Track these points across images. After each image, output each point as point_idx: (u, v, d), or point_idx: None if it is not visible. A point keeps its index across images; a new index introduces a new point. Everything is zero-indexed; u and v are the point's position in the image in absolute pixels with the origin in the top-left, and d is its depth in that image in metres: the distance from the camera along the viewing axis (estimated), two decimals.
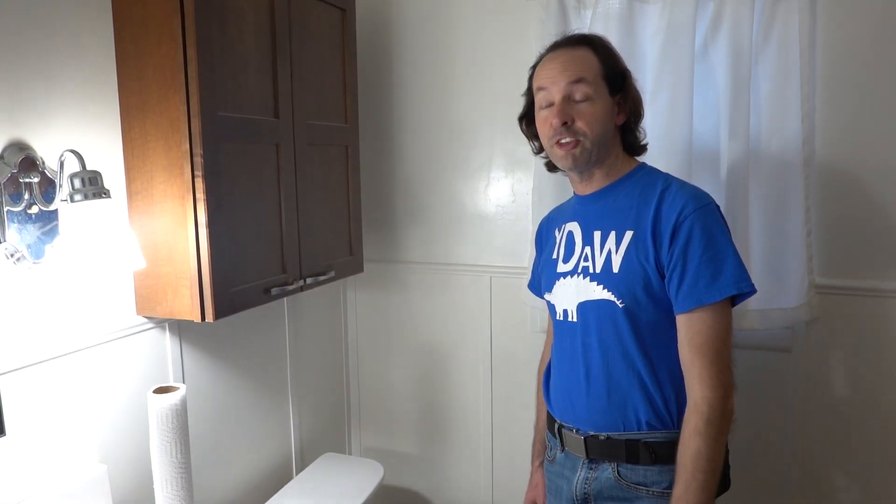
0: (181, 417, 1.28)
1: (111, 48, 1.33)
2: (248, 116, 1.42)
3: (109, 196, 1.16)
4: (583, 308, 1.26)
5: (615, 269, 1.21)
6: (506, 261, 2.05)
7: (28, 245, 1.17)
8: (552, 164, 1.35)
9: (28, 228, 1.17)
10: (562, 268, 1.31)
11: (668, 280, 1.17)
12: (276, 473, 1.95)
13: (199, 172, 1.29)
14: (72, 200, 1.13)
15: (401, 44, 2.11)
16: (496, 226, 2.07)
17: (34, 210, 1.18)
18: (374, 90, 2.14)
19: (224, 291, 1.35)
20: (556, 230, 1.38)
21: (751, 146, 1.67)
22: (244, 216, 1.41)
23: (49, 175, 1.20)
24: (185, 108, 1.28)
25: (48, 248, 1.21)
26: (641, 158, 1.33)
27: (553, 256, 1.35)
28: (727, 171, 1.68)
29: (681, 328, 1.18)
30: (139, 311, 1.40)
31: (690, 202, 1.17)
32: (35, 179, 1.17)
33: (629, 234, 1.21)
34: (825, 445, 1.75)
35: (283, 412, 1.98)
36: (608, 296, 1.22)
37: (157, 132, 1.31)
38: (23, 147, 1.16)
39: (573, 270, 1.29)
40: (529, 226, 1.95)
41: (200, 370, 1.63)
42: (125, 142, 1.35)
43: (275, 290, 1.50)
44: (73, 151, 1.15)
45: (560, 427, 1.33)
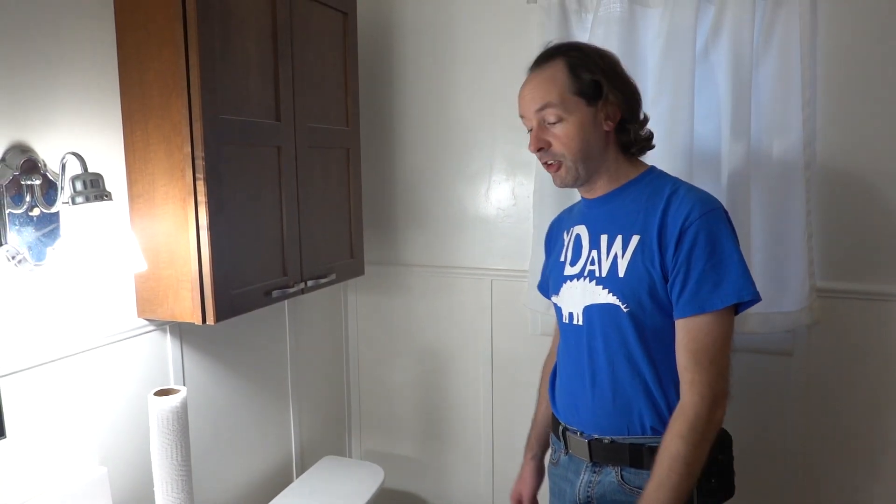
0: (182, 420, 1.28)
1: (113, 52, 1.33)
2: (250, 119, 1.42)
3: (111, 199, 1.17)
4: (588, 311, 1.26)
5: (621, 274, 1.21)
6: (507, 264, 2.05)
7: (29, 247, 1.17)
8: None
9: (29, 231, 1.17)
10: (569, 271, 1.31)
11: (671, 285, 1.17)
12: (277, 476, 1.95)
13: (201, 175, 1.29)
14: (73, 203, 1.13)
15: (402, 47, 2.11)
16: (497, 229, 2.07)
17: (36, 212, 1.18)
18: (376, 93, 2.14)
19: (225, 294, 1.35)
20: (565, 232, 1.37)
21: (752, 149, 1.67)
22: (245, 219, 1.42)
23: (51, 177, 1.20)
24: (187, 112, 1.28)
25: (49, 251, 1.21)
26: (649, 161, 1.32)
27: (561, 259, 1.35)
28: (728, 175, 1.68)
29: (679, 332, 1.18)
30: (140, 314, 1.41)
31: (697, 207, 1.16)
32: (37, 182, 1.17)
33: (635, 239, 1.20)
34: (826, 449, 1.75)
35: (284, 415, 1.98)
36: (613, 300, 1.22)
37: (159, 135, 1.31)
38: (25, 149, 1.17)
39: (580, 274, 1.28)
40: (531, 229, 1.95)
41: (201, 373, 1.63)
42: (127, 145, 1.35)
43: (276, 293, 1.50)
44: (75, 154, 1.15)
45: (564, 429, 1.32)
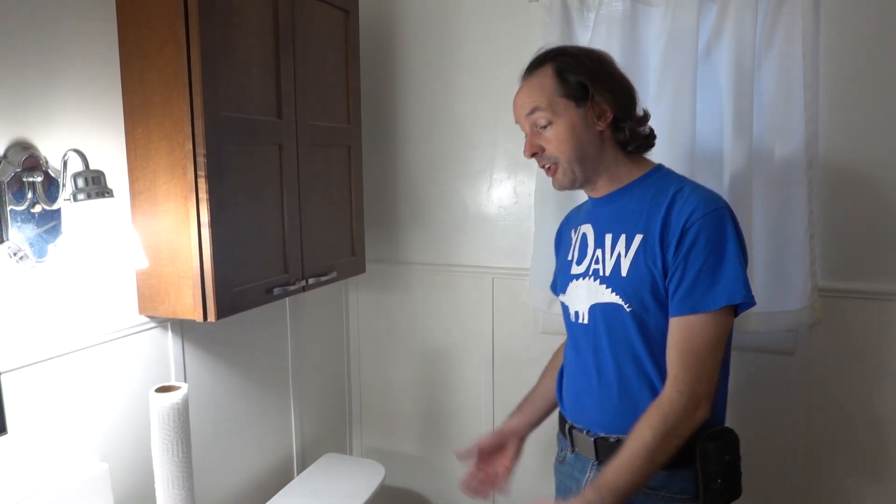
0: (183, 417, 1.28)
1: (115, 49, 1.33)
2: (251, 117, 1.43)
3: (112, 195, 1.17)
4: (593, 311, 1.26)
5: (623, 273, 1.21)
6: (508, 262, 2.05)
7: (31, 244, 1.18)
8: None
9: (31, 227, 1.17)
10: (575, 269, 1.32)
11: (668, 282, 1.17)
12: (278, 473, 1.95)
13: (202, 173, 1.29)
14: (75, 200, 1.14)
15: (404, 45, 2.11)
16: (498, 227, 2.07)
17: (37, 209, 1.18)
18: (377, 91, 2.15)
19: (226, 291, 1.35)
20: (573, 231, 1.38)
21: (754, 149, 1.66)
22: (247, 216, 1.42)
23: (52, 174, 1.20)
24: (189, 109, 1.28)
25: (51, 248, 1.21)
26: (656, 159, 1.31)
27: (568, 258, 1.35)
28: (730, 175, 1.67)
29: (671, 330, 1.18)
30: (141, 311, 1.41)
31: (701, 206, 1.16)
32: (38, 179, 1.17)
33: (639, 238, 1.20)
34: (828, 449, 1.74)
35: (285, 412, 1.98)
36: (616, 299, 1.22)
37: (161, 132, 1.32)
38: (26, 146, 1.17)
39: (585, 272, 1.29)
40: (532, 227, 1.95)
41: (202, 370, 1.63)
42: (128, 142, 1.35)
43: (277, 291, 1.50)
44: (77, 151, 1.16)
45: (571, 428, 1.33)
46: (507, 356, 2.09)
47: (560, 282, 1.39)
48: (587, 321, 1.28)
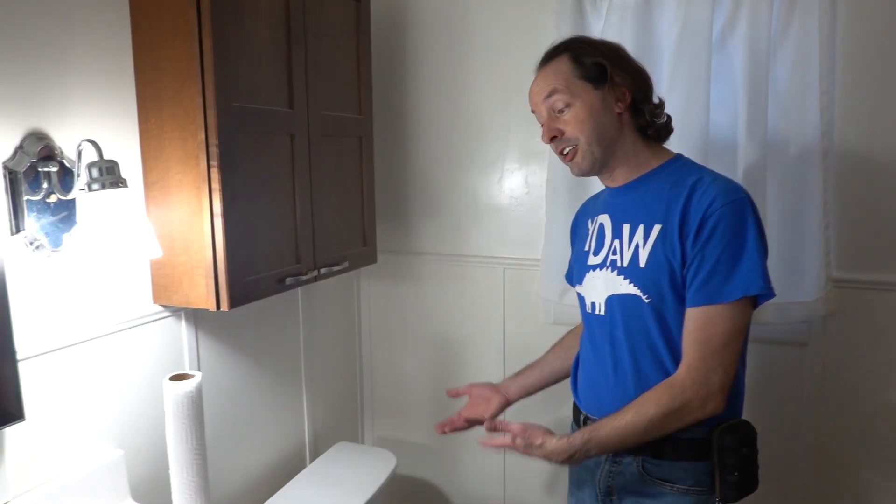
0: (196, 404, 1.30)
1: (128, 40, 1.34)
2: (263, 107, 1.43)
3: (126, 185, 1.18)
4: (610, 302, 1.26)
5: (641, 264, 1.20)
6: (519, 252, 2.05)
7: (47, 233, 1.19)
8: None
9: (47, 217, 1.19)
10: (592, 260, 1.31)
11: (686, 272, 1.16)
12: (290, 461, 1.97)
13: (215, 163, 1.30)
14: (89, 189, 1.15)
15: (416, 35, 2.10)
16: (510, 217, 2.06)
17: (52, 199, 1.19)
18: (389, 81, 2.14)
19: (239, 281, 1.36)
20: (590, 221, 1.37)
21: (768, 138, 1.65)
22: (259, 206, 1.42)
23: (67, 165, 1.21)
24: (201, 100, 1.28)
25: (66, 237, 1.23)
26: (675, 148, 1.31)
27: (585, 248, 1.35)
28: (744, 164, 1.66)
29: (687, 320, 1.17)
30: (156, 300, 1.42)
31: (721, 196, 1.14)
32: (53, 169, 1.18)
33: (657, 228, 1.19)
34: (843, 441, 1.73)
35: (297, 401, 2.00)
36: (634, 290, 1.21)
37: (173, 123, 1.32)
38: (41, 137, 1.18)
39: (602, 263, 1.28)
40: (543, 217, 1.95)
41: (215, 358, 1.65)
42: (142, 132, 1.36)
43: (289, 280, 1.51)
44: (91, 141, 1.16)
45: (586, 419, 1.32)
46: (518, 347, 2.09)
47: (576, 272, 1.38)
48: (604, 312, 1.27)
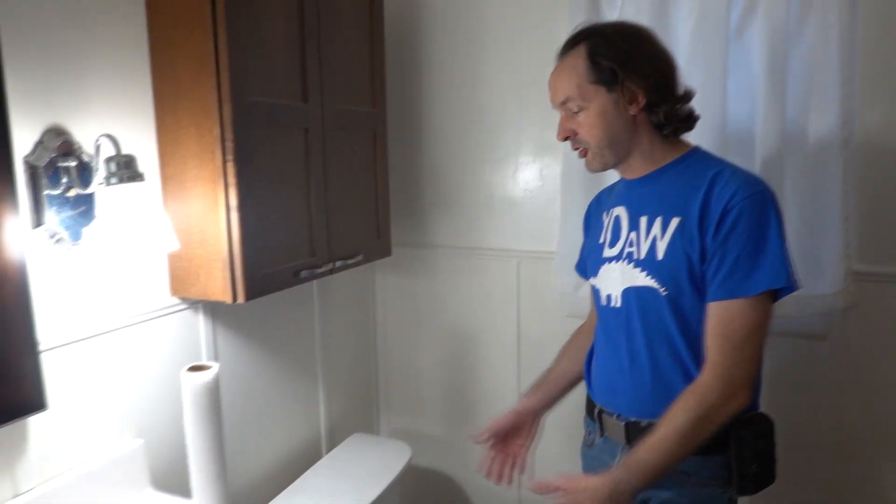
0: (214, 395, 1.31)
1: (144, 36, 1.35)
2: (278, 101, 1.44)
3: (143, 179, 1.19)
4: (627, 294, 1.25)
5: (659, 257, 1.19)
6: (534, 245, 2.05)
7: (66, 227, 1.21)
8: None
9: (66, 211, 1.21)
10: (607, 252, 1.30)
11: (707, 266, 1.15)
12: (307, 452, 1.99)
13: (230, 157, 1.31)
14: (108, 183, 1.16)
15: (429, 27, 2.10)
16: (524, 210, 2.06)
17: (72, 193, 1.21)
18: (402, 74, 2.14)
19: (254, 274, 1.38)
20: (605, 213, 1.36)
21: (787, 129, 1.63)
22: (274, 200, 1.44)
23: (86, 159, 1.23)
24: (216, 95, 1.30)
25: (85, 231, 1.25)
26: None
27: (600, 241, 1.34)
28: (762, 155, 1.64)
29: (709, 316, 1.16)
30: (173, 292, 1.44)
31: (742, 189, 1.13)
32: (73, 163, 1.20)
33: (675, 221, 1.18)
34: (862, 436, 1.71)
35: (313, 393, 2.02)
36: (651, 283, 1.20)
37: (190, 118, 1.34)
38: (60, 132, 1.20)
39: (618, 256, 1.27)
40: (558, 210, 1.94)
41: (233, 350, 1.67)
42: (158, 127, 1.38)
43: (304, 273, 1.52)
44: (109, 136, 1.18)
45: (600, 412, 1.32)
46: (533, 339, 2.09)
47: (591, 265, 1.37)
48: (620, 304, 1.27)
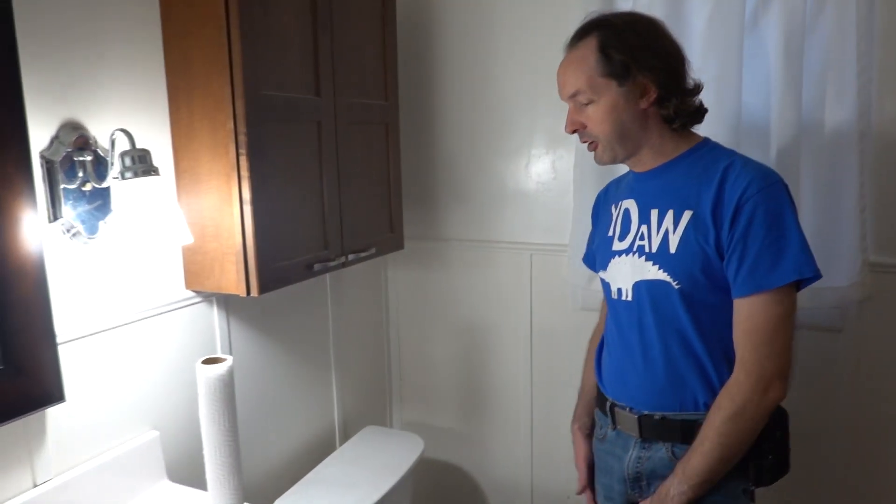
0: (229, 387, 1.32)
1: (158, 31, 1.36)
2: (291, 95, 1.44)
3: (158, 173, 1.20)
4: (638, 287, 1.24)
5: (672, 250, 1.18)
6: (546, 238, 2.04)
7: (83, 221, 1.22)
8: None
9: (82, 205, 1.22)
10: (617, 246, 1.29)
11: (727, 262, 1.14)
12: (320, 444, 2.00)
13: (244, 151, 1.32)
14: (123, 178, 1.17)
15: (440, 20, 2.09)
16: (537, 203, 2.05)
17: (88, 187, 1.23)
18: (415, 67, 2.14)
19: (268, 267, 1.38)
20: (613, 206, 1.35)
21: (803, 120, 1.61)
22: (287, 193, 1.44)
23: (101, 154, 1.24)
24: (230, 89, 1.30)
25: (101, 224, 1.26)
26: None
27: (609, 234, 1.33)
28: (777, 147, 1.62)
29: (736, 311, 1.15)
30: (188, 286, 1.46)
31: (755, 181, 1.12)
32: (88, 158, 1.21)
33: (688, 214, 1.17)
34: (877, 429, 1.70)
35: (326, 385, 2.03)
36: (664, 276, 1.20)
37: (203, 112, 1.34)
38: (76, 127, 1.21)
39: (629, 249, 1.26)
40: (571, 202, 1.93)
41: (247, 343, 1.68)
42: (172, 121, 1.39)
43: (317, 267, 1.53)
44: (124, 131, 1.19)
45: (612, 405, 1.32)
46: (546, 332, 2.08)
47: (600, 258, 1.37)
48: (631, 298, 1.26)
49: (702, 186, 1.17)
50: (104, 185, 1.24)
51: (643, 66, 1.17)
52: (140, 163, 1.18)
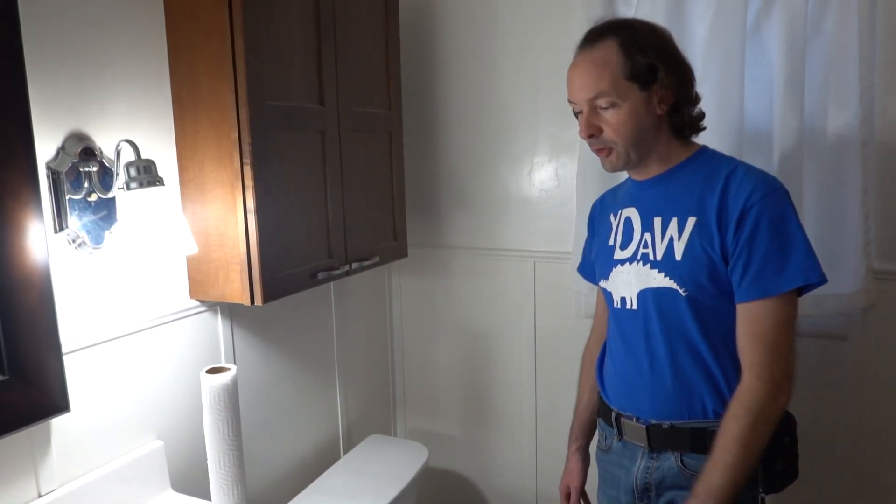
0: (233, 397, 1.33)
1: (163, 42, 1.37)
2: (294, 105, 1.45)
3: (163, 184, 1.21)
4: (643, 296, 1.24)
5: (678, 257, 1.18)
6: (550, 245, 2.04)
7: (88, 231, 1.23)
8: None
9: (88, 215, 1.23)
10: (619, 255, 1.29)
11: (732, 268, 1.14)
12: (324, 453, 2.00)
13: (248, 160, 1.32)
14: (128, 188, 1.18)
15: (443, 28, 2.10)
16: (540, 210, 2.05)
17: (93, 198, 1.23)
18: (418, 76, 2.15)
19: (272, 276, 1.39)
20: (612, 215, 1.34)
21: (805, 126, 1.61)
22: (291, 202, 1.45)
23: (106, 164, 1.25)
24: (234, 99, 1.31)
25: (107, 234, 1.26)
26: (698, 139, 1.28)
27: (609, 243, 1.32)
28: (780, 153, 1.62)
29: (740, 317, 1.15)
30: (192, 295, 1.46)
31: (759, 188, 1.12)
32: (94, 168, 1.22)
33: (692, 221, 1.17)
34: (883, 436, 1.69)
35: (330, 394, 2.03)
36: (670, 284, 1.19)
37: (208, 122, 1.35)
38: (82, 138, 1.22)
39: (632, 257, 1.26)
40: (574, 210, 1.94)
41: (251, 352, 1.68)
42: (177, 131, 1.39)
43: (321, 275, 1.53)
44: (129, 141, 1.20)
45: (618, 416, 1.31)
46: (549, 339, 2.08)
47: (600, 268, 1.36)
48: (636, 307, 1.25)
49: (705, 193, 1.17)
50: (109, 196, 1.25)
51: (669, 71, 1.16)
52: (145, 173, 1.18)
